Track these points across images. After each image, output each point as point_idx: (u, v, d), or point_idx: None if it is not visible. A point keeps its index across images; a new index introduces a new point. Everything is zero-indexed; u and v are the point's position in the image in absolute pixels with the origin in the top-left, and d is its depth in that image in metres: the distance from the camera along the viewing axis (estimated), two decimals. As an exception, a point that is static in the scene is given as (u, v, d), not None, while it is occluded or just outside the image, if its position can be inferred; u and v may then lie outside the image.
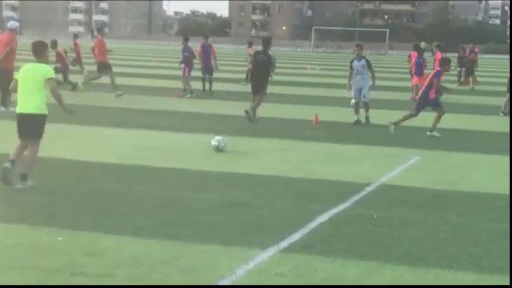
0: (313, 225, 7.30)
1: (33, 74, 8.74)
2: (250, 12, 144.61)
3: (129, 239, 6.63)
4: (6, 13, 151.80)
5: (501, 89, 30.19)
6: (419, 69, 22.77)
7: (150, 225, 7.12)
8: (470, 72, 31.43)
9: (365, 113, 16.41)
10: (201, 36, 25.62)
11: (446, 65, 14.91)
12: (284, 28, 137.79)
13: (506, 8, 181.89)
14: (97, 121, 14.98)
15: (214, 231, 6.99)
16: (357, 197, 8.72)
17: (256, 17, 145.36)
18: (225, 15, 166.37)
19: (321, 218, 7.60)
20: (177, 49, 34.02)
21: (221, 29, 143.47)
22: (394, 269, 6.04)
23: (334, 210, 7.95)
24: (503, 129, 15.98)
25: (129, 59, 47.08)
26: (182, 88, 22.25)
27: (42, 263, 5.89)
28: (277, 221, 7.46)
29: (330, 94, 24.43)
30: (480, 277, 5.96)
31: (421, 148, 12.91)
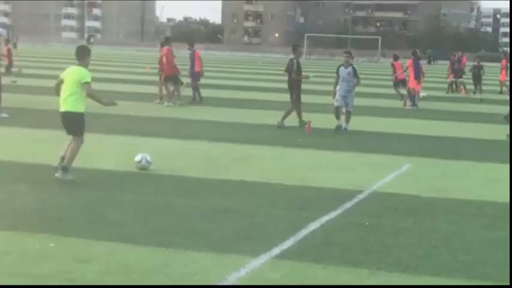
0: (305, 232, 7.30)
1: (72, 75, 9.53)
2: (242, 19, 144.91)
3: (121, 245, 6.62)
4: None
5: (492, 96, 30.40)
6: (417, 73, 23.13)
7: (141, 232, 7.11)
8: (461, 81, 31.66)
9: (345, 122, 16.17)
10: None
11: None
12: (276, 35, 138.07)
13: (498, 16, 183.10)
14: (89, 128, 14.90)
15: (205, 238, 6.98)
16: (348, 204, 8.73)
17: (248, 24, 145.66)
18: (218, 21, 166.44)
19: (313, 225, 7.60)
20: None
21: (214, 36, 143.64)
22: (386, 276, 6.05)
23: (326, 218, 7.95)
24: (495, 137, 16.04)
25: (121, 65, 46.95)
26: (192, 96, 22.22)
27: (34, 269, 5.88)
28: (269, 228, 7.45)
29: (322, 101, 24.44)
30: (471, 284, 5.97)
31: (413, 156, 12.93)
